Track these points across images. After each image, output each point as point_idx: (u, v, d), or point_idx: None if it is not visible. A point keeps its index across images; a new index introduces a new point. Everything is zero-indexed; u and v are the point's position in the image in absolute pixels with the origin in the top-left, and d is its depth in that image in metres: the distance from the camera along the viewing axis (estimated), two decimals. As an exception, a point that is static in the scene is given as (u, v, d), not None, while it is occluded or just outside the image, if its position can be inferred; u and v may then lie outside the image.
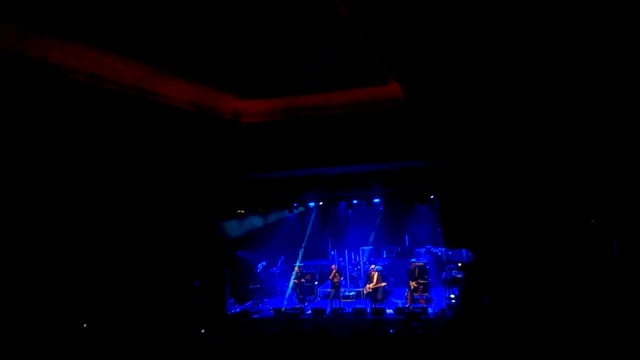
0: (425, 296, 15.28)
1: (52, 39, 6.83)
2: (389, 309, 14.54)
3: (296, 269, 16.40)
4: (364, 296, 16.06)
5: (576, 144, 10.48)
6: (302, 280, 16.32)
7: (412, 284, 14.84)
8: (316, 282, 17.21)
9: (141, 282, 12.23)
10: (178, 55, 8.25)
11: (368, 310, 14.28)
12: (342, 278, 16.10)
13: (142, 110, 9.14)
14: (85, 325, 11.10)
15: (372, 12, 5.78)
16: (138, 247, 12.14)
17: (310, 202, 16.49)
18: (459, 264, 15.45)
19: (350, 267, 17.60)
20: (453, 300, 14.36)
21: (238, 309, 15.90)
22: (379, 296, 15.49)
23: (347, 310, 14.48)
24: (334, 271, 15.68)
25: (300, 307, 15.45)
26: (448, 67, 7.99)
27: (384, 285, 15.62)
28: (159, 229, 12.66)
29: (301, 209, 18.61)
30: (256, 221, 17.81)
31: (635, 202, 10.58)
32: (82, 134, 9.15)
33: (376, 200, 16.11)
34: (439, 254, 17.47)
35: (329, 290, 15.82)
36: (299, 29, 7.38)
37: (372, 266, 15.83)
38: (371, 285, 15.24)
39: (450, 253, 17.00)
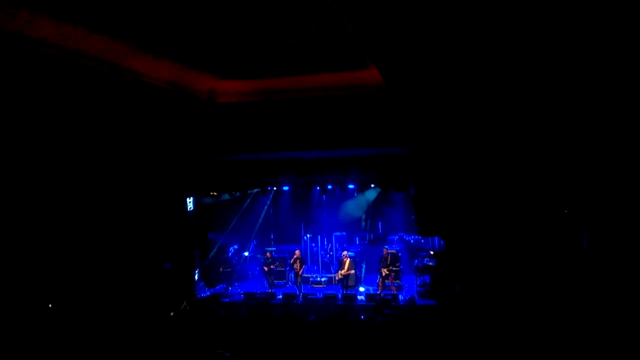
0: (397, 283, 15.38)
1: (30, 12, 6.51)
2: (360, 295, 14.60)
3: (267, 253, 16.22)
4: (336, 282, 16.04)
5: (551, 135, 10.58)
6: (273, 265, 16.10)
7: (384, 271, 14.88)
8: (287, 267, 17.09)
9: (107, 262, 11.91)
10: (154, 32, 7.97)
11: (339, 297, 14.28)
12: (305, 265, 15.95)
13: (116, 86, 8.85)
14: (50, 305, 10.79)
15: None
16: (104, 226, 11.80)
17: (284, 185, 16.29)
18: (431, 252, 15.57)
19: (322, 252, 17.54)
20: (423, 288, 14.50)
21: (208, 293, 15.70)
22: (351, 282, 15.47)
23: (319, 295, 14.44)
24: (296, 257, 15.55)
25: (271, 291, 15.32)
26: (430, 56, 7.90)
27: (356, 272, 15.60)
28: (127, 208, 12.32)
29: (274, 192, 18.42)
30: (229, 203, 17.57)
31: (607, 193, 10.78)
32: (54, 109, 8.80)
33: (351, 186, 16.08)
34: (412, 241, 17.57)
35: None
36: (279, 8, 7.18)
37: (345, 252, 15.78)
38: (343, 272, 15.19)
39: (422, 241, 17.12)
